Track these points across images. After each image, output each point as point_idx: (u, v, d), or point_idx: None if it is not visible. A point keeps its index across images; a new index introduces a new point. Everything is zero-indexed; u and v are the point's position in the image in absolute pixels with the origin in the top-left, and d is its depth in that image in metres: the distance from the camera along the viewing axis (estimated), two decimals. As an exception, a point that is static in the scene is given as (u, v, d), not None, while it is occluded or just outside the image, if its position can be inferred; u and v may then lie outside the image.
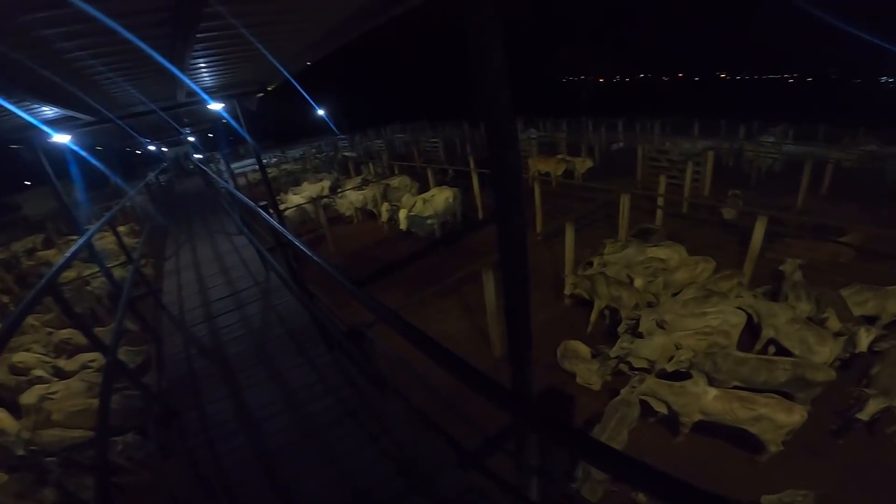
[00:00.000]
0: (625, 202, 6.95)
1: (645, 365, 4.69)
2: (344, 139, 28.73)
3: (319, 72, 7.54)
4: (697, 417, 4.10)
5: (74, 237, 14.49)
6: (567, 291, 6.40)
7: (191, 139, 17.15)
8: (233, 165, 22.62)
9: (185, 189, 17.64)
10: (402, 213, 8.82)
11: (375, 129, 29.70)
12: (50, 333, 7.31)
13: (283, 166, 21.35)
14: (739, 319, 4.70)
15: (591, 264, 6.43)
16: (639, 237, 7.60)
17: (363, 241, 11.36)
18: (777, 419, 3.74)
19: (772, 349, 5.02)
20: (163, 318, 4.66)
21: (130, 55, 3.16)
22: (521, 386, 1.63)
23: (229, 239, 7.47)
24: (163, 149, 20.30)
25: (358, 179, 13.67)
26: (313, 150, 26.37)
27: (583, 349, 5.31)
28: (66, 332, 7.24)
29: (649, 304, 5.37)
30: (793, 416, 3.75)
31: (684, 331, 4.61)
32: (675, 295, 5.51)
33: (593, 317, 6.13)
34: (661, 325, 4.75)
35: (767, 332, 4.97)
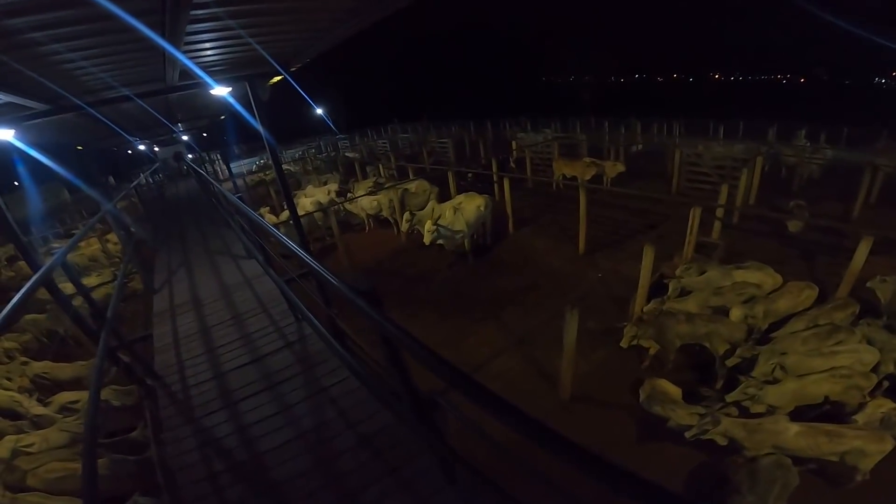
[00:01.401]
0: (695, 216, 6.11)
1: (763, 410, 3.94)
2: (344, 139, 27.67)
3: (312, 70, 6.68)
4: (766, 451, 3.71)
5: (57, 245, 13.20)
6: (625, 344, 5.13)
7: (184, 138, 15.96)
8: (230, 164, 21.38)
9: (178, 193, 16.39)
10: (429, 225, 7.88)
11: (375, 128, 28.69)
12: (25, 364, 6.20)
13: (283, 167, 20.29)
14: (873, 357, 3.97)
15: (665, 287, 5.59)
16: (697, 253, 6.83)
17: (378, 253, 10.37)
18: (869, 449, 3.46)
19: (885, 384, 4.37)
20: (157, 391, 3.35)
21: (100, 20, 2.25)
22: None
23: (237, 264, 6.02)
24: (154, 148, 19.03)
25: (369, 183, 12.70)
26: (312, 150, 25.32)
27: (672, 389, 4.51)
28: (41, 365, 6.15)
29: (757, 341, 4.58)
30: (884, 444, 3.47)
31: (813, 372, 3.86)
32: (773, 326, 4.76)
33: (647, 362, 5.20)
34: (781, 366, 3.98)
35: (887, 368, 4.29)
